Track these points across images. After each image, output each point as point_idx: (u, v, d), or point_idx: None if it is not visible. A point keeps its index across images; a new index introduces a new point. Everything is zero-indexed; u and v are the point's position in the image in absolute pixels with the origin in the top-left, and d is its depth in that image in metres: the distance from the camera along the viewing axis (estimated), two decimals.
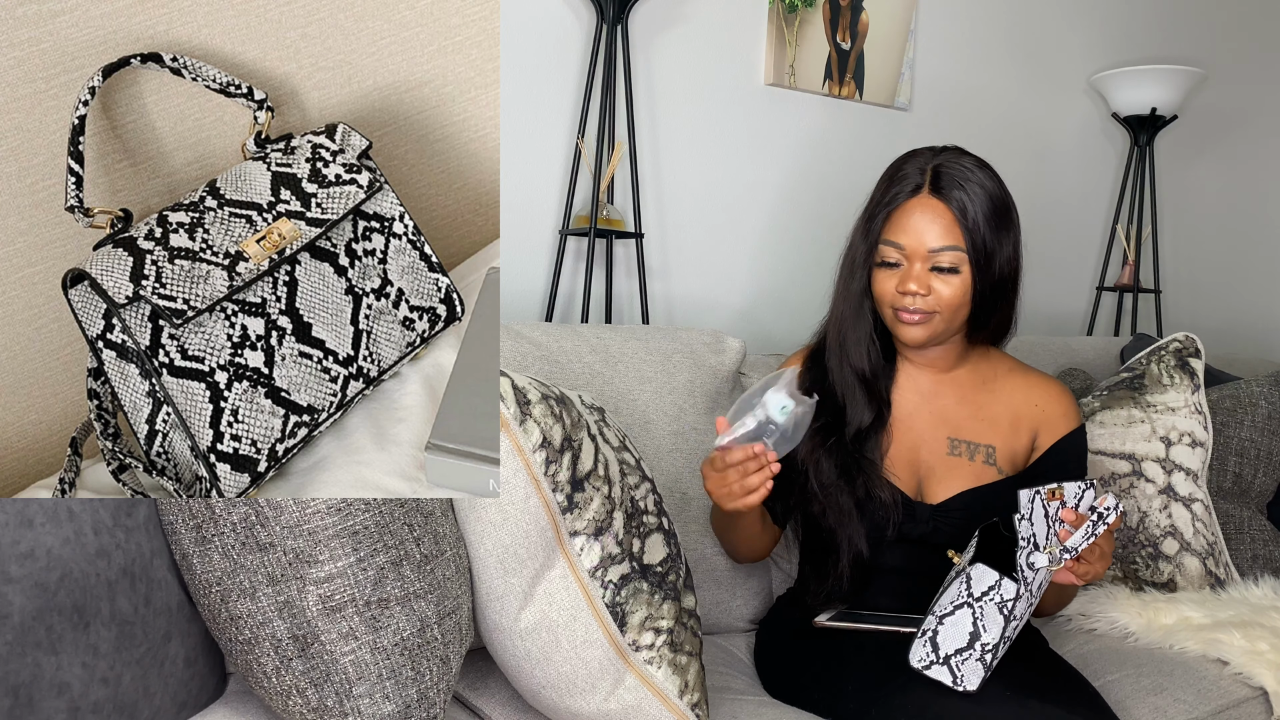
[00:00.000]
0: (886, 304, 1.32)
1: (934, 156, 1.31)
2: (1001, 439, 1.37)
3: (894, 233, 1.30)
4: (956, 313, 1.31)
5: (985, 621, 1.10)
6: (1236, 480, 1.80)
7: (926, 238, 1.28)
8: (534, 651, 1.01)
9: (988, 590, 1.11)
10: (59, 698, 0.78)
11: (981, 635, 1.10)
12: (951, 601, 1.12)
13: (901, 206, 1.29)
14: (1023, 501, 1.12)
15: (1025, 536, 1.11)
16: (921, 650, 1.12)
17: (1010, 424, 1.38)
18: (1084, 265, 2.78)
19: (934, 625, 1.12)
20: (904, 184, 1.30)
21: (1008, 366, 1.43)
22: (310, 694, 0.89)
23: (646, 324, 1.85)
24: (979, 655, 1.10)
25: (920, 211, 1.28)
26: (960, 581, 1.12)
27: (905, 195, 1.30)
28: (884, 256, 1.31)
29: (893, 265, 1.30)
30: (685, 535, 1.47)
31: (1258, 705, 1.39)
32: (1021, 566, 1.10)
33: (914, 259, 1.29)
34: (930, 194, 1.29)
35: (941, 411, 1.38)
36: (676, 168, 1.99)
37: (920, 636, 1.13)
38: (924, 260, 1.28)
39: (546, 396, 1.01)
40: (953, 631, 1.11)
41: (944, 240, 1.28)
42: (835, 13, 2.14)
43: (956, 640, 1.10)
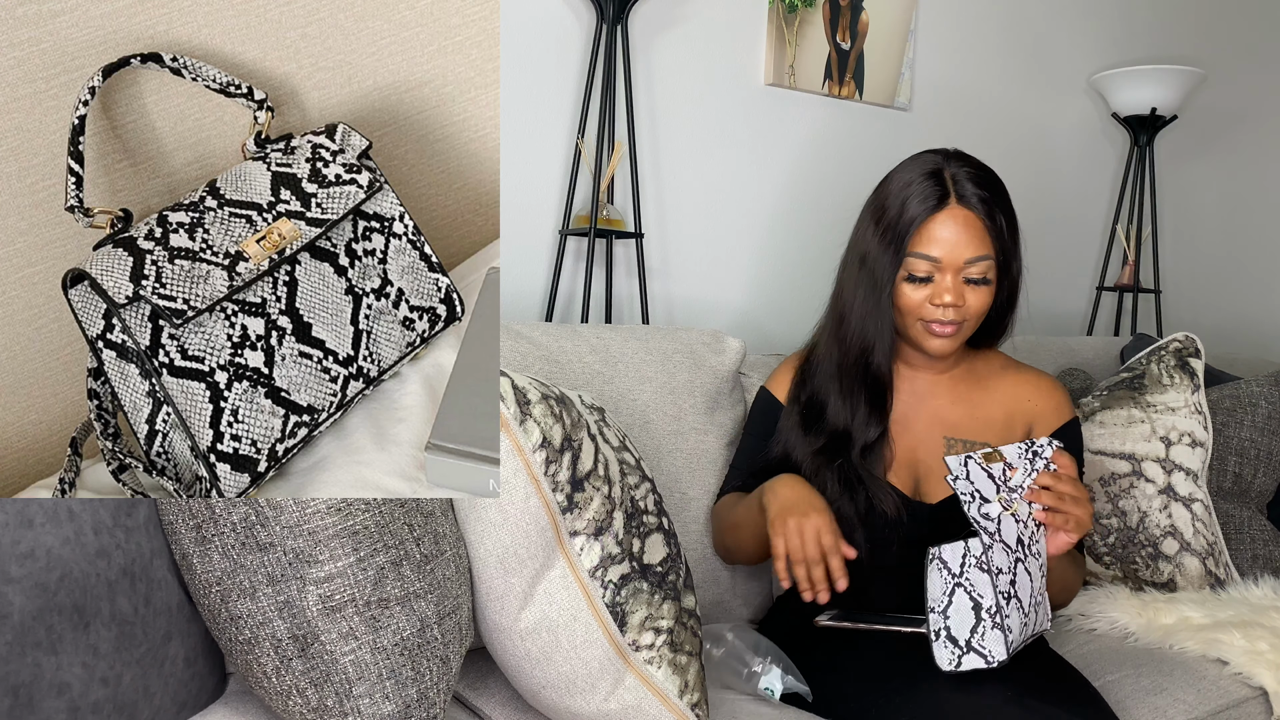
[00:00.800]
0: (915, 317, 1.31)
1: (945, 162, 1.30)
2: (996, 436, 1.38)
3: (925, 245, 1.27)
4: (979, 320, 1.32)
5: (977, 589, 1.11)
6: (1236, 480, 1.80)
7: (962, 249, 1.26)
8: (534, 651, 1.01)
9: (962, 560, 1.12)
10: (59, 698, 0.78)
11: (982, 602, 1.11)
12: (944, 591, 1.12)
13: (931, 218, 1.27)
14: (953, 466, 1.14)
15: (966, 494, 1.13)
16: (945, 652, 1.12)
17: (1004, 421, 1.39)
18: (1084, 265, 2.78)
19: (942, 624, 1.12)
20: (926, 195, 1.27)
21: (1000, 364, 1.44)
22: (310, 694, 0.89)
23: (646, 324, 1.85)
24: (991, 624, 1.11)
25: (953, 222, 1.27)
26: (938, 571, 1.13)
27: (932, 207, 1.27)
28: (913, 270, 1.28)
29: (922, 280, 1.29)
30: (685, 535, 1.47)
31: (1258, 705, 1.39)
32: (976, 519, 1.12)
33: (947, 271, 1.27)
34: (958, 203, 1.27)
35: (937, 412, 1.39)
36: (676, 168, 1.99)
37: (937, 641, 1.13)
38: (957, 271, 1.27)
39: (546, 396, 1.01)
40: (959, 618, 1.12)
41: (978, 250, 1.27)
42: (835, 13, 2.14)
43: (967, 621, 1.11)
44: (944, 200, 1.27)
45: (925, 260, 1.27)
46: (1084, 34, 2.66)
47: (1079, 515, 1.15)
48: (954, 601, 1.12)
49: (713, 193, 2.05)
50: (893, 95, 2.27)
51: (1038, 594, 1.17)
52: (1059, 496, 1.15)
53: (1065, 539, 1.17)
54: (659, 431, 1.47)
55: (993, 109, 2.50)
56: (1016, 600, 1.12)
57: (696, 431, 1.51)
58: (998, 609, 1.10)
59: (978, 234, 1.27)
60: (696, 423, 1.51)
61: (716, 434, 1.53)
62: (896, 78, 2.28)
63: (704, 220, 2.04)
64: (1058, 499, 1.15)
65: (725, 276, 2.09)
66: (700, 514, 1.49)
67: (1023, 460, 1.15)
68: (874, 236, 1.31)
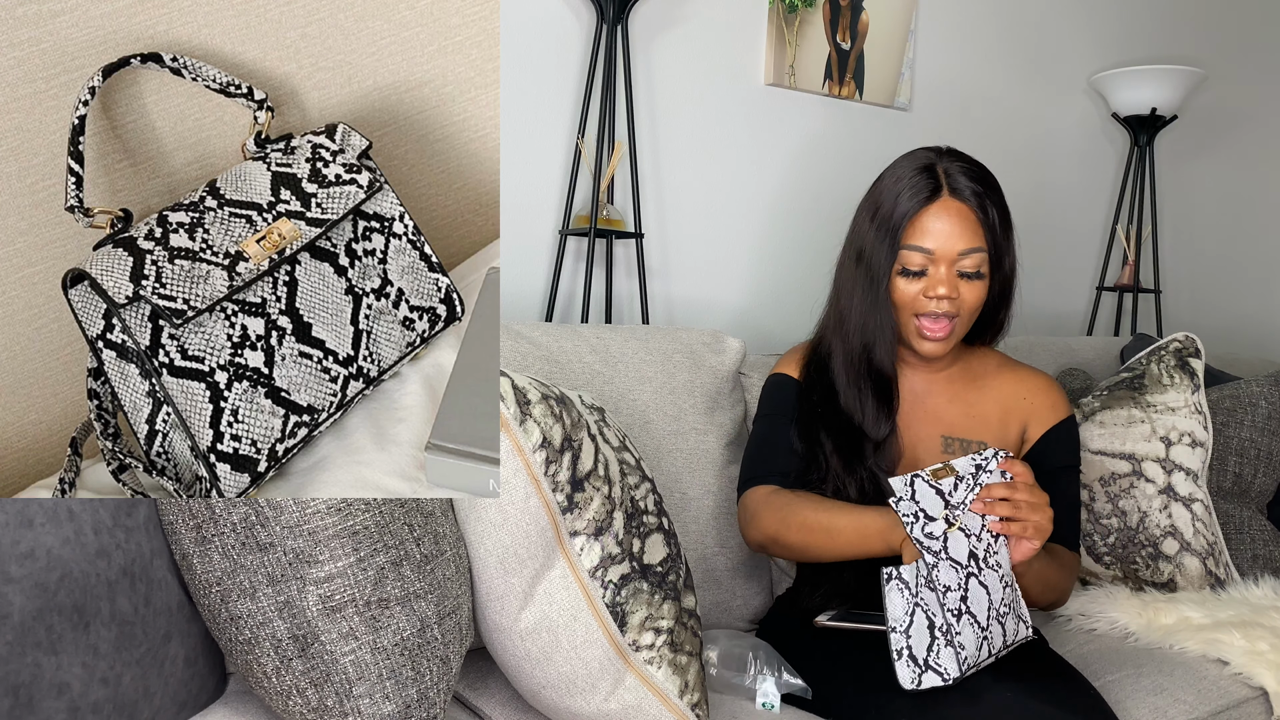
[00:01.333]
0: (909, 311, 1.31)
1: (938, 157, 1.31)
2: (993, 435, 1.38)
3: (918, 237, 1.28)
4: (974, 316, 1.32)
5: (930, 608, 1.11)
6: (1236, 480, 1.80)
7: (954, 240, 1.27)
8: (534, 651, 1.01)
9: (915, 578, 1.12)
10: (59, 698, 0.78)
11: (935, 620, 1.11)
12: (905, 611, 1.12)
13: (923, 210, 1.28)
14: (897, 486, 1.13)
15: (908, 515, 1.12)
16: (907, 671, 1.12)
17: (1000, 419, 1.39)
18: (1084, 265, 2.78)
19: (904, 642, 1.12)
20: (918, 188, 1.29)
21: (996, 363, 1.44)
22: (310, 694, 0.89)
23: (646, 324, 1.85)
24: (944, 641, 1.11)
25: (945, 214, 1.28)
26: (899, 590, 1.13)
27: (924, 199, 1.28)
28: (907, 263, 1.29)
29: (916, 274, 1.30)
30: (685, 535, 1.47)
31: (1258, 705, 1.39)
32: (919, 539, 1.11)
33: (941, 262, 1.28)
34: (950, 195, 1.28)
35: (934, 410, 1.39)
36: (676, 168, 1.99)
37: (899, 660, 1.12)
38: (950, 263, 1.28)
39: (546, 396, 1.01)
40: (918, 636, 1.12)
41: (971, 242, 1.27)
42: (835, 13, 2.14)
43: (924, 640, 1.12)
44: (936, 193, 1.28)
45: (919, 252, 1.28)
46: (1084, 34, 2.66)
47: (1038, 521, 1.14)
48: (914, 620, 1.12)
49: (713, 193, 2.05)
50: (893, 95, 2.27)
51: (1001, 606, 1.15)
52: (1015, 505, 1.14)
53: (1028, 546, 1.15)
54: (659, 431, 1.47)
55: (993, 109, 2.50)
56: (969, 616, 1.12)
57: (696, 431, 1.51)
58: (948, 626, 1.11)
59: (970, 226, 1.28)
60: (696, 423, 1.51)
61: (716, 434, 1.53)
62: (896, 78, 2.28)
63: (704, 220, 2.04)
64: (1014, 508, 1.14)
65: (725, 276, 2.09)
66: (700, 514, 1.49)
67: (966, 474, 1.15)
68: (869, 231, 1.32)
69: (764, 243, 2.13)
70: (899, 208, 1.29)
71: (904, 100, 2.30)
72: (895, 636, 1.12)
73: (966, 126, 2.43)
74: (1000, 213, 1.30)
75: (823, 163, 2.20)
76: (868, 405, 1.34)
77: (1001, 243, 1.31)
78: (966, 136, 2.42)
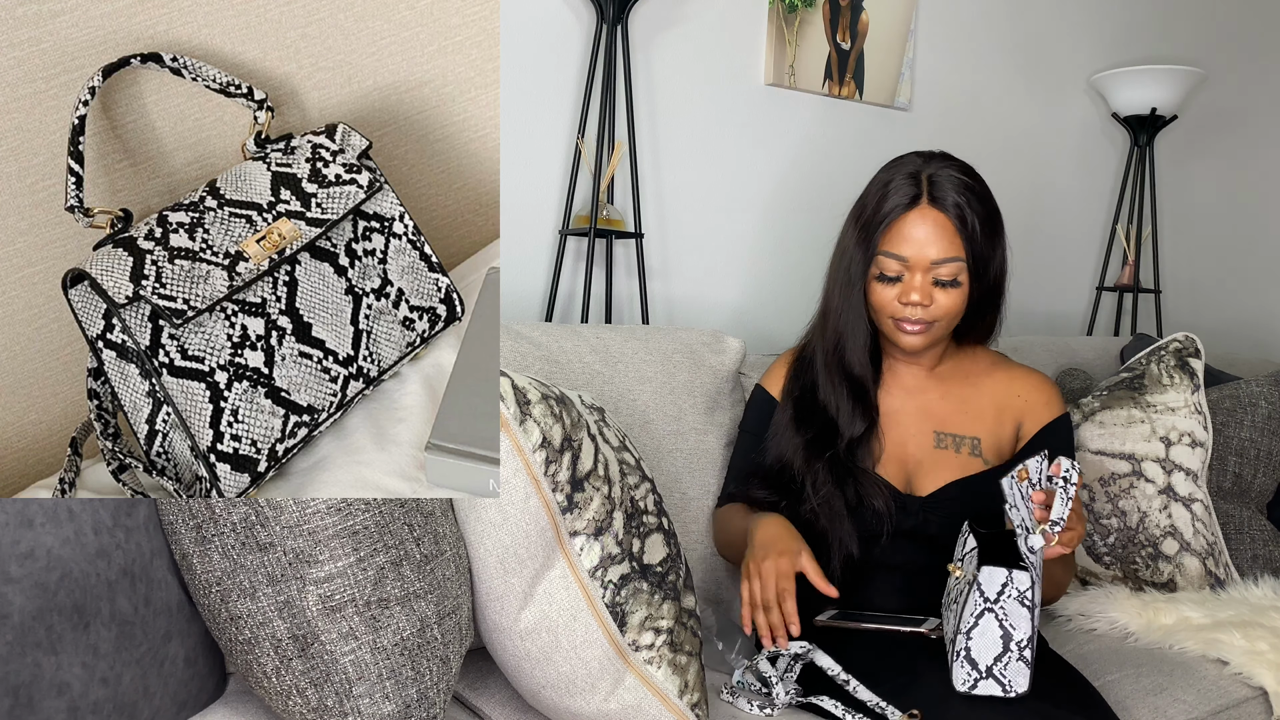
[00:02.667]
0: (886, 314, 1.33)
1: (925, 163, 1.31)
2: (986, 430, 1.39)
3: (894, 244, 1.29)
4: (954, 320, 1.33)
5: (1012, 620, 1.09)
6: (1236, 480, 1.80)
7: (929, 249, 1.28)
8: (534, 651, 1.01)
9: (1002, 589, 1.10)
10: (59, 698, 0.78)
11: (1013, 634, 1.09)
12: (972, 613, 1.10)
13: (901, 218, 1.29)
14: (1006, 491, 1.12)
15: (1019, 523, 1.11)
16: (962, 672, 1.11)
17: (994, 416, 1.40)
18: (1084, 265, 2.78)
19: (964, 643, 1.10)
20: (899, 194, 1.29)
21: (991, 361, 1.45)
22: (310, 694, 0.89)
23: (646, 324, 1.85)
24: (1018, 655, 1.10)
25: (921, 222, 1.28)
26: (971, 590, 1.11)
27: (903, 206, 1.29)
28: (883, 269, 1.31)
29: (892, 279, 1.30)
30: (685, 535, 1.47)
31: (1258, 705, 1.39)
32: (1025, 554, 1.10)
33: (915, 270, 1.29)
34: (929, 204, 1.29)
35: (927, 407, 1.40)
36: (676, 168, 1.99)
37: (955, 659, 1.11)
38: (925, 271, 1.29)
39: (546, 396, 1.01)
40: (983, 642, 1.10)
41: (946, 251, 1.28)
42: (835, 13, 2.14)
43: (991, 649, 1.10)
44: (915, 200, 1.29)
45: (894, 259, 1.29)
46: (1084, 34, 2.66)
47: (1080, 532, 1.15)
48: (982, 626, 1.10)
49: (713, 193, 2.05)
50: (893, 95, 2.27)
51: None
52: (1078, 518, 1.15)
53: (1059, 550, 1.16)
54: (659, 431, 1.47)
55: (993, 109, 2.50)
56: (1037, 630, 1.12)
57: (696, 431, 1.51)
58: (1029, 644, 1.09)
59: (947, 235, 1.28)
60: (696, 423, 1.51)
61: (716, 434, 1.53)
62: (896, 78, 2.28)
63: (704, 220, 2.04)
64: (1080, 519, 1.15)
65: (725, 276, 2.09)
66: (700, 514, 1.49)
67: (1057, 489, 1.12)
68: (852, 233, 1.34)
69: (764, 242, 2.13)
70: (878, 213, 1.30)
71: (904, 100, 2.30)
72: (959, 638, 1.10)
73: (966, 126, 2.43)
74: (984, 221, 1.29)
75: (823, 163, 2.20)
76: (843, 402, 1.36)
77: (984, 251, 1.30)
78: (966, 136, 2.42)
